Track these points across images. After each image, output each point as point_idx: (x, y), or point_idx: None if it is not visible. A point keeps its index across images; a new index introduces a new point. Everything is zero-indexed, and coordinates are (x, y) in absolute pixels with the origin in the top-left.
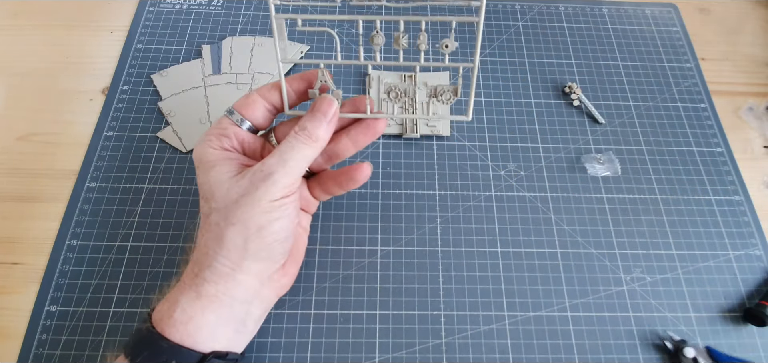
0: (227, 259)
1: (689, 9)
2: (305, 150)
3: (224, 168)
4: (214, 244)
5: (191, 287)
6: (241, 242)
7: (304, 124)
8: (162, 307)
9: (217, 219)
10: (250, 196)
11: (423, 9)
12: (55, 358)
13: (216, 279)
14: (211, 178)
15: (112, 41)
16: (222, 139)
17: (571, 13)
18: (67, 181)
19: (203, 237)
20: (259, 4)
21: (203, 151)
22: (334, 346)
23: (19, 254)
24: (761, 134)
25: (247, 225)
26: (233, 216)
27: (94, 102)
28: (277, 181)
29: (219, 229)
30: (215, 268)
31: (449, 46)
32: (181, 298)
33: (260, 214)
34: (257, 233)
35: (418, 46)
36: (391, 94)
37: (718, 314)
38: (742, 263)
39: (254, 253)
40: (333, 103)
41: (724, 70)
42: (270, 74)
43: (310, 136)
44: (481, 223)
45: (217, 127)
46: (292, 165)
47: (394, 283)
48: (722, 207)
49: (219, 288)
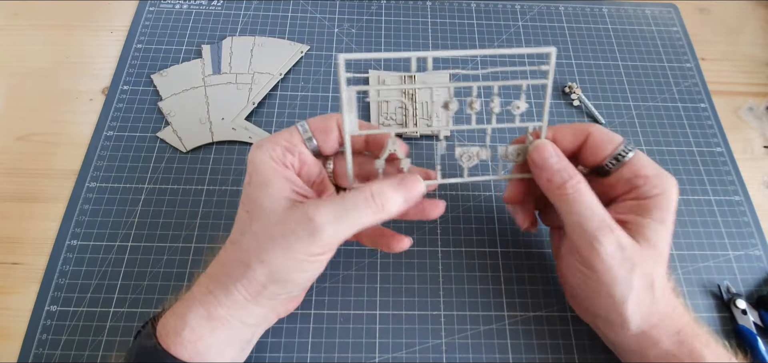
0: (246, 290)
1: (689, 9)
2: (368, 217)
3: (279, 192)
4: (237, 269)
5: (202, 305)
6: (264, 281)
7: (384, 190)
8: (168, 320)
9: (250, 245)
10: (287, 242)
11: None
12: (55, 358)
13: (229, 304)
14: (263, 198)
15: (112, 41)
16: (287, 154)
17: (571, 13)
18: (67, 181)
19: (230, 254)
20: (259, 4)
21: (263, 160)
22: (334, 346)
23: (19, 254)
24: (761, 134)
25: (275, 270)
26: (265, 253)
27: (94, 102)
28: (321, 239)
29: (247, 257)
30: (231, 293)
31: (520, 107)
32: (189, 315)
33: (292, 265)
34: (281, 281)
35: (492, 109)
36: (464, 157)
37: (719, 315)
38: (742, 263)
39: (272, 294)
40: (421, 186)
41: (724, 70)
42: (270, 74)
43: (383, 208)
44: (481, 223)
45: (286, 139)
46: (345, 228)
47: (394, 283)
48: (722, 207)
49: (231, 312)
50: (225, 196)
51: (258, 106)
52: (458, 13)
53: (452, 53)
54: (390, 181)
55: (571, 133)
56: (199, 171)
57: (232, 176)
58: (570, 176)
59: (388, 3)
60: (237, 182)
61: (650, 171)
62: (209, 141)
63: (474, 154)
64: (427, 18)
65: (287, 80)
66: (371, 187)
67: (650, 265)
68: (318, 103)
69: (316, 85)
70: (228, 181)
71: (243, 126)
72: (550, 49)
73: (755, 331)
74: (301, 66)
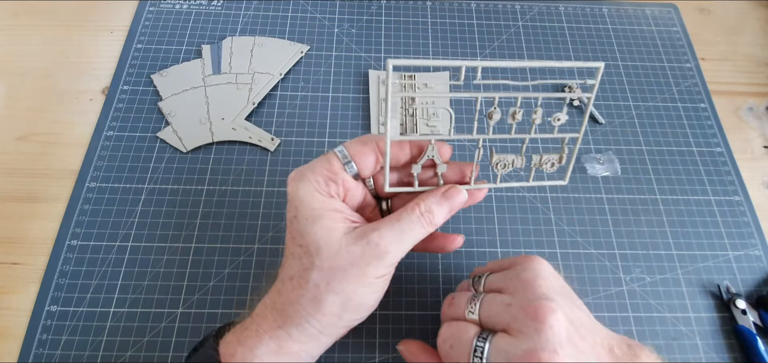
0: (319, 324)
1: (689, 9)
2: (421, 233)
3: (333, 223)
4: (309, 306)
5: (273, 339)
6: (339, 311)
7: (430, 206)
8: (235, 349)
9: (318, 280)
10: (359, 269)
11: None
12: (55, 358)
13: (302, 338)
14: (318, 231)
15: (112, 41)
16: (330, 184)
17: (571, 13)
18: (67, 181)
19: (296, 290)
20: (259, 4)
21: (309, 194)
22: (334, 346)
23: (19, 254)
24: (761, 134)
25: (349, 297)
26: (337, 284)
27: (94, 102)
28: (389, 261)
29: (318, 292)
30: (305, 328)
31: (561, 120)
32: (259, 349)
33: (364, 288)
34: (356, 307)
35: (533, 120)
36: (499, 165)
37: (718, 315)
38: (741, 263)
39: (347, 322)
40: (463, 196)
41: (724, 70)
42: (270, 74)
43: (432, 222)
44: (481, 223)
45: (327, 168)
46: (406, 245)
47: (394, 283)
48: (722, 207)
49: (303, 347)
50: (225, 196)
51: (258, 106)
52: (458, 13)
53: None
54: (434, 195)
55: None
56: (199, 171)
57: (232, 176)
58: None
59: (388, 3)
60: (237, 182)
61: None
62: (209, 141)
63: (510, 162)
64: (427, 18)
65: (287, 80)
66: (419, 205)
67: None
68: (318, 103)
69: (316, 85)
70: (228, 181)
71: (243, 126)
72: (599, 64)
73: (755, 331)
74: (301, 66)
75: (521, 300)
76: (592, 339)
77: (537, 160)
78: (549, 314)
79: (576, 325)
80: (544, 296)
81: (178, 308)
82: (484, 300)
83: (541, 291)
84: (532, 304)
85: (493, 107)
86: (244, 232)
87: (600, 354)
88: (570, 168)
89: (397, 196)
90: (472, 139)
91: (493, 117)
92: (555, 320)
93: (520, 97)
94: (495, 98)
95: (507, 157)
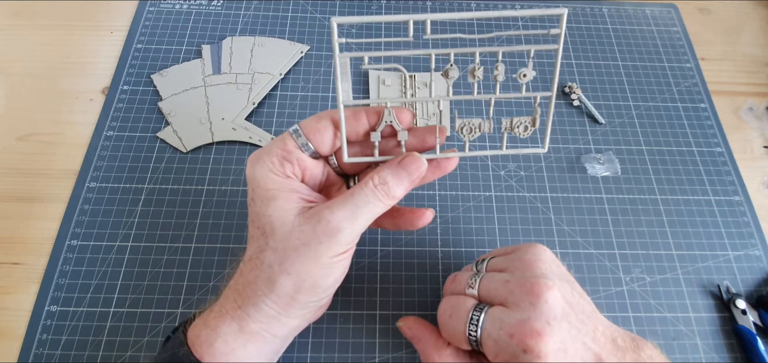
0: (275, 304)
1: (689, 9)
2: (378, 206)
3: (287, 204)
4: (264, 286)
5: (234, 319)
6: (293, 292)
7: (385, 177)
8: (200, 330)
9: (272, 261)
10: (311, 249)
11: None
12: (55, 358)
13: (260, 318)
14: (272, 212)
15: (112, 41)
16: (285, 163)
17: (571, 13)
18: (67, 181)
19: (253, 271)
20: (259, 4)
21: (264, 175)
22: (334, 346)
23: (19, 254)
24: (761, 134)
25: (302, 278)
26: (290, 265)
27: (94, 102)
28: (343, 239)
29: (272, 272)
30: (261, 308)
31: (527, 76)
32: (222, 328)
33: (319, 271)
34: (311, 288)
35: (495, 77)
36: (464, 130)
37: (718, 314)
38: (741, 263)
39: (303, 303)
40: (421, 164)
41: (724, 70)
42: (270, 74)
43: (389, 194)
44: (481, 223)
45: (281, 148)
46: (362, 222)
47: (394, 283)
48: (722, 207)
49: (263, 326)
50: (225, 196)
51: (258, 106)
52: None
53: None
54: (389, 166)
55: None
56: (199, 171)
57: (232, 176)
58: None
59: (388, 3)
60: (237, 182)
61: None
62: (209, 141)
63: (476, 126)
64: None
65: (287, 80)
66: (373, 178)
67: None
68: (318, 103)
69: (316, 85)
70: (228, 181)
71: (243, 126)
72: (562, 10)
73: (755, 331)
74: (301, 66)
75: (520, 277)
76: (593, 325)
77: (507, 123)
78: (545, 290)
79: (574, 307)
80: (542, 275)
81: (178, 308)
82: (484, 277)
83: (541, 271)
84: (529, 280)
85: (449, 64)
86: (244, 232)
87: (603, 343)
88: (548, 132)
89: (364, 172)
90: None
91: (449, 74)
92: (551, 296)
93: (477, 52)
94: (450, 55)
95: (473, 122)
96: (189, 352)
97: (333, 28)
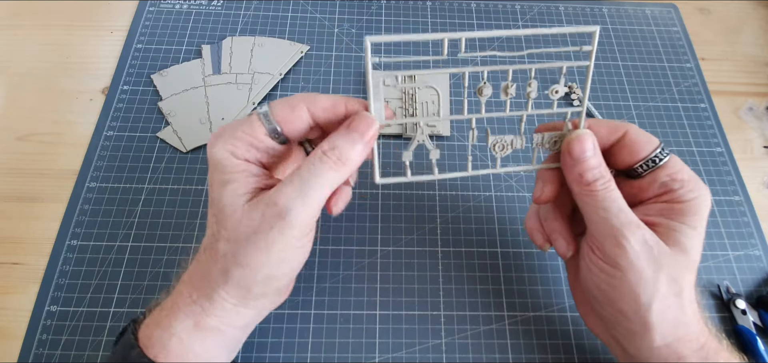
0: (230, 296)
1: (689, 9)
2: (331, 175)
3: (239, 187)
4: (219, 277)
5: (188, 315)
6: (246, 285)
7: (334, 142)
8: (152, 331)
9: (225, 251)
10: (262, 238)
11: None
12: (55, 358)
13: (216, 312)
14: (224, 198)
15: (112, 41)
16: (250, 148)
17: (571, 13)
18: (67, 181)
19: (208, 262)
20: (259, 4)
21: (222, 156)
22: (334, 346)
23: (19, 254)
24: (761, 134)
25: (255, 270)
26: (242, 257)
27: (94, 102)
28: (294, 221)
29: (225, 263)
30: (216, 301)
31: (559, 92)
32: (175, 325)
33: (274, 260)
34: (266, 279)
35: (528, 94)
36: (497, 147)
37: (718, 314)
38: (741, 263)
39: (260, 294)
40: (372, 122)
41: (724, 70)
42: (270, 74)
43: (341, 159)
44: (481, 223)
45: (248, 132)
46: (312, 195)
47: (394, 283)
48: (722, 207)
49: (220, 321)
50: None
51: (258, 105)
52: (458, 13)
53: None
54: (338, 131)
55: (606, 129)
56: (199, 171)
57: None
58: (601, 174)
59: (388, 3)
60: None
61: (686, 175)
62: None
63: (508, 142)
64: (427, 18)
65: (287, 80)
66: (322, 146)
67: (679, 270)
68: None
69: (316, 85)
70: None
71: None
72: (594, 28)
73: (755, 331)
74: (301, 66)
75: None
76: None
77: (539, 139)
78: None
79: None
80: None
81: None
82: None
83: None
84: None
85: (483, 82)
86: None
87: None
88: None
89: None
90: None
91: (483, 92)
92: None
93: (510, 69)
94: (484, 72)
95: (505, 139)
96: (141, 353)
97: (366, 47)
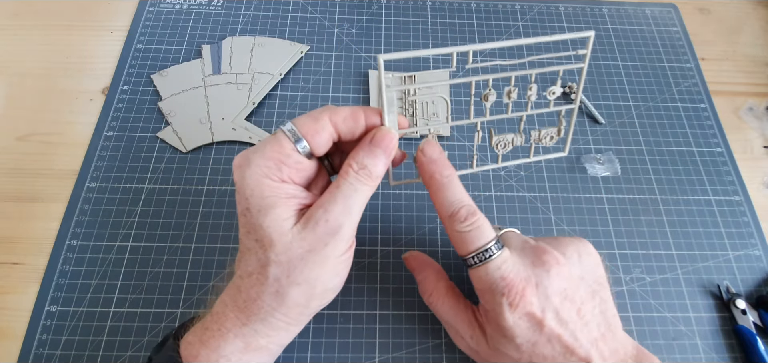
0: (286, 317)
1: (689, 9)
2: (366, 190)
3: (285, 213)
4: (273, 300)
5: (238, 337)
6: (304, 301)
7: (362, 160)
8: (197, 349)
9: (278, 274)
10: (318, 255)
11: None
12: (55, 358)
13: (269, 332)
14: (269, 223)
15: (112, 41)
16: (282, 167)
17: (571, 13)
18: (67, 181)
19: (255, 287)
20: (259, 4)
21: (259, 183)
22: (334, 346)
23: (19, 254)
24: (761, 134)
25: (313, 285)
26: (298, 275)
27: (94, 102)
28: (344, 234)
29: (280, 286)
30: (271, 323)
31: (555, 93)
32: (224, 347)
33: (327, 273)
34: (322, 293)
35: (529, 97)
36: (499, 145)
37: (718, 314)
38: (741, 263)
39: (317, 308)
40: (393, 137)
41: (724, 70)
42: (270, 74)
43: (371, 175)
44: None
45: (277, 151)
46: (356, 211)
47: (394, 283)
48: (722, 207)
49: (271, 340)
50: (225, 196)
51: (258, 106)
52: (458, 13)
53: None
54: (361, 147)
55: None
56: (199, 171)
57: (231, 176)
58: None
59: (388, 3)
60: None
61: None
62: (209, 141)
63: (510, 140)
64: (427, 18)
65: (287, 80)
66: (352, 164)
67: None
68: (318, 103)
69: (316, 85)
70: (228, 181)
71: (243, 126)
72: (589, 33)
73: (755, 331)
74: (301, 66)
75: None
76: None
77: (536, 135)
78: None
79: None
80: (563, 254)
81: (178, 308)
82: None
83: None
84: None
85: (488, 89)
86: None
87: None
88: (569, 139)
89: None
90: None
91: (488, 98)
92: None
93: (513, 76)
94: (489, 80)
95: (506, 137)
96: None
97: (380, 64)
